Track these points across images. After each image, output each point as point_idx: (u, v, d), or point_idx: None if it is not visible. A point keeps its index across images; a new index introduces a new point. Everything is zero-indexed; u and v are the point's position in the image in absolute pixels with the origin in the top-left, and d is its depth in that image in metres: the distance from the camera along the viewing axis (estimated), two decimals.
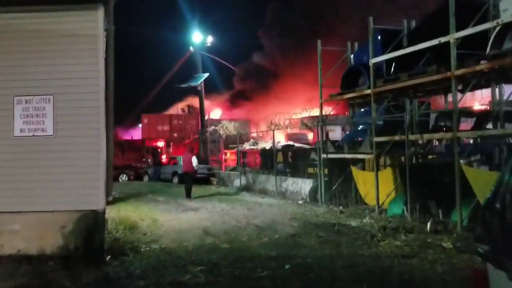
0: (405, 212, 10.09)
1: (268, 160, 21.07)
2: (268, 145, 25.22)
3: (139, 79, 48.26)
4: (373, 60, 10.93)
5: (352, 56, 13.24)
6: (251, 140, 26.20)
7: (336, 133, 33.80)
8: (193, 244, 7.45)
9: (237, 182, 18.97)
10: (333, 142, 13.22)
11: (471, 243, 6.74)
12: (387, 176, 11.32)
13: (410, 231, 8.53)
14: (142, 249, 7.06)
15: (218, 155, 30.35)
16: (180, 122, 40.16)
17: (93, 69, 6.51)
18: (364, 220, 9.84)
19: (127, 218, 9.84)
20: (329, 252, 6.91)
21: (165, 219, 10.02)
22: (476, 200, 8.01)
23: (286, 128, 14.11)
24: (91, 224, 6.69)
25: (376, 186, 10.83)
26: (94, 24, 6.56)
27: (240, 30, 44.72)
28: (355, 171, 12.45)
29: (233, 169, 21.92)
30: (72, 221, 6.43)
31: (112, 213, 10.65)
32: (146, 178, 23.11)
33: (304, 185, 13.74)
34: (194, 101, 34.71)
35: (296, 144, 24.13)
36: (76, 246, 6.39)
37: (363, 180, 12.18)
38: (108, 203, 13.26)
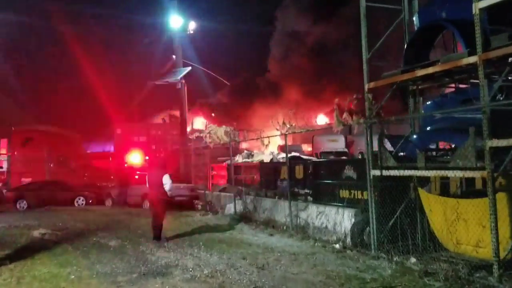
0: None
1: (271, 177, 16.14)
2: (266, 157, 20.30)
3: (118, 83, 42.82)
4: (482, 3, 6.18)
5: (415, 17, 8.50)
6: (245, 151, 21.20)
7: (339, 143, 29.30)
8: None
9: (230, 208, 13.88)
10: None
11: None
12: (499, 207, 6.49)
13: None
14: None
15: (204, 170, 25.37)
16: (159, 132, 35.23)
17: None
18: None
19: None
20: None
21: None
22: None
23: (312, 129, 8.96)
24: None
25: (495, 227, 5.96)
26: None
27: (231, 14, 39.75)
28: (428, 197, 7.60)
29: (223, 188, 16.81)
30: None
31: None
32: (108, 202, 17.74)
33: (339, 218, 8.76)
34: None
35: (304, 156, 19.31)
36: None
37: (443, 212, 7.34)
38: (19, 257, 7.84)
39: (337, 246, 8.27)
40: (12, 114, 29.93)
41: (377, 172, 7.82)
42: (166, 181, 9.02)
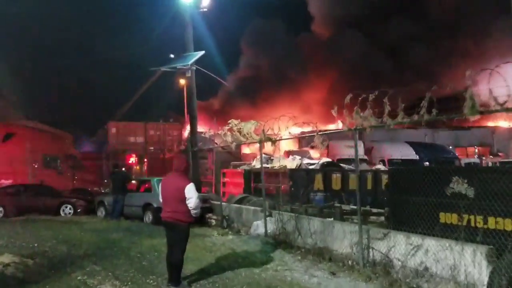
0: None
1: (304, 187, 13.23)
2: (289, 163, 17.31)
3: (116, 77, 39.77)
4: None
5: None
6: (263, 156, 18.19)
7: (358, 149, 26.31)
8: None
9: (257, 227, 10.80)
10: None
11: None
12: None
13: None
14: None
15: (207, 176, 22.38)
16: (158, 132, 32.41)
17: None
18: None
19: None
20: None
21: None
22: None
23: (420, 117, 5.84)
24: None
25: None
26: None
27: None
28: None
29: (242, 199, 13.81)
30: None
31: None
32: (101, 212, 14.58)
33: (457, 259, 5.75)
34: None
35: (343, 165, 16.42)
36: None
37: None
38: None
39: None
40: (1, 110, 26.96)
41: None
42: (191, 194, 5.92)
